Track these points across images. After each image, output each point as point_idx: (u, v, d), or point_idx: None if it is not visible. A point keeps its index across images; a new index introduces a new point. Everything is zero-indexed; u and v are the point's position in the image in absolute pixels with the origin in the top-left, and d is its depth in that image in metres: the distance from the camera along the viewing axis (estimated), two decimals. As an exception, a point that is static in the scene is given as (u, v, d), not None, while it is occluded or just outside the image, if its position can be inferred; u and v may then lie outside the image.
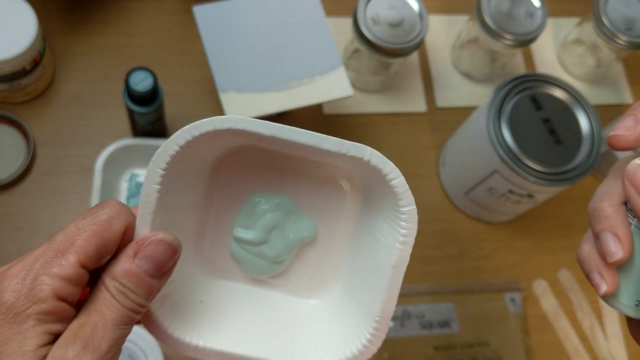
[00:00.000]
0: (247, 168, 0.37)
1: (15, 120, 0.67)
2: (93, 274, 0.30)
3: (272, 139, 0.33)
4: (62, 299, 0.28)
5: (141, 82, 0.59)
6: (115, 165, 0.65)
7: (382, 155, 0.34)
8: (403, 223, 0.34)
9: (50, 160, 0.68)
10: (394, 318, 0.68)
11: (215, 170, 0.37)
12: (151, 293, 0.30)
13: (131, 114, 0.63)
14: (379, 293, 0.34)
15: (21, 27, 0.62)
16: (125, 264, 0.29)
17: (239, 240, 0.37)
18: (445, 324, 0.69)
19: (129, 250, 0.30)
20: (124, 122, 0.70)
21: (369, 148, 0.34)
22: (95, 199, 0.62)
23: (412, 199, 0.34)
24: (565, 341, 0.71)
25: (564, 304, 0.73)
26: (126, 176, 0.68)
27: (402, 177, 0.34)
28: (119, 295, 0.29)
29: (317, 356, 0.35)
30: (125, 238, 0.31)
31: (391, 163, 0.34)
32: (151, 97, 0.61)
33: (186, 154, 0.32)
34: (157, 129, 0.67)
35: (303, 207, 0.38)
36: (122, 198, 0.67)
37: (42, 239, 0.65)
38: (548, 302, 0.72)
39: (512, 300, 0.71)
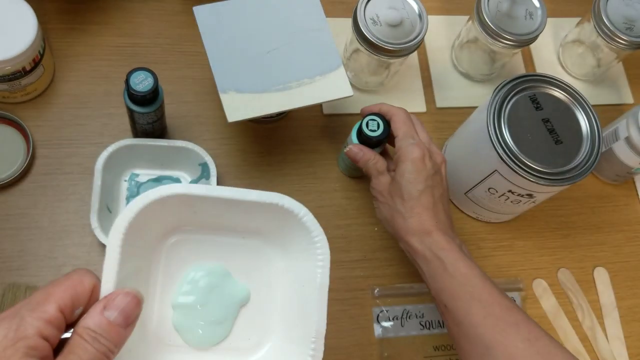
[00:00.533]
0: (184, 248, 0.42)
1: (15, 120, 0.67)
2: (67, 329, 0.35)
3: (205, 200, 0.39)
4: (45, 338, 0.33)
5: (141, 82, 0.59)
6: (115, 165, 0.65)
7: (292, 199, 0.41)
8: (318, 251, 0.40)
9: (50, 160, 0.68)
10: (394, 318, 0.68)
11: (158, 252, 0.41)
12: (119, 340, 0.34)
13: (131, 114, 0.63)
14: (311, 317, 0.39)
15: (21, 27, 0.62)
16: (95, 316, 0.34)
17: (180, 306, 0.41)
18: (444, 323, 0.69)
19: (99, 305, 0.35)
20: (124, 122, 0.70)
21: (283, 195, 0.41)
22: (95, 199, 0.62)
23: (321, 229, 0.41)
24: (565, 341, 0.71)
25: (564, 304, 0.73)
26: (126, 176, 0.68)
27: (311, 214, 0.40)
28: (92, 340, 0.33)
29: None
30: (93, 298, 0.36)
31: (300, 204, 0.41)
32: (151, 98, 0.61)
33: (139, 222, 0.37)
34: (157, 129, 0.67)
35: (236, 275, 0.43)
36: (122, 198, 0.67)
37: (42, 239, 0.66)
38: (548, 302, 0.72)
39: (512, 300, 0.71)
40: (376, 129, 0.64)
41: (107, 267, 0.36)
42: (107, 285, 0.36)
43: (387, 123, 0.64)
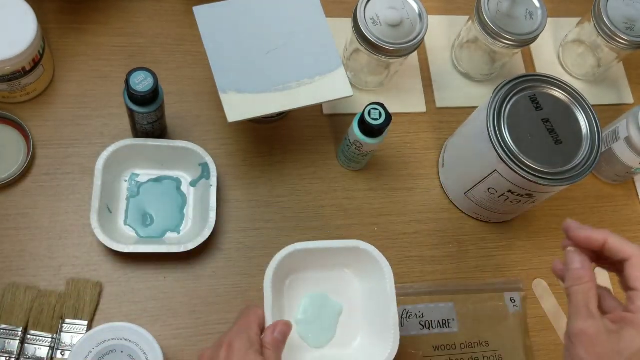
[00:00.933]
0: (297, 284, 0.62)
1: (15, 120, 0.67)
2: None
3: (310, 251, 0.60)
4: (261, 345, 0.52)
5: (141, 82, 0.59)
6: (115, 165, 0.65)
7: (365, 242, 0.60)
8: (386, 274, 0.59)
9: (50, 160, 0.68)
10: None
11: (283, 289, 0.62)
12: (280, 352, 0.53)
13: (131, 114, 0.63)
14: (387, 314, 0.58)
15: (21, 27, 0.62)
16: (270, 335, 0.53)
17: (300, 322, 0.61)
18: (444, 323, 0.69)
19: (270, 329, 0.54)
20: (124, 122, 0.70)
21: (359, 240, 0.60)
22: (95, 199, 0.62)
23: (386, 261, 0.60)
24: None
25: (563, 304, 0.73)
26: (126, 176, 0.68)
27: (377, 250, 0.60)
28: (273, 349, 0.52)
29: None
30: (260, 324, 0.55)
31: (371, 245, 0.60)
32: (152, 98, 0.61)
33: (276, 270, 0.58)
34: (158, 129, 0.67)
35: (332, 296, 0.63)
36: (122, 198, 0.67)
37: (42, 239, 0.66)
38: (548, 302, 0.72)
39: (512, 300, 0.71)
40: (378, 117, 0.64)
41: (266, 303, 0.56)
42: (268, 315, 0.56)
43: (388, 112, 0.65)
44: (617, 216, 0.79)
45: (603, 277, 0.75)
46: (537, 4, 0.72)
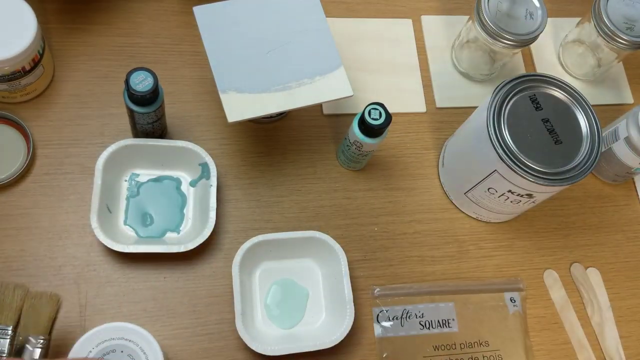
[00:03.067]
0: (267, 273, 0.68)
1: (15, 120, 0.67)
2: None
3: (275, 242, 0.67)
4: None
5: (141, 82, 0.59)
6: (115, 165, 0.65)
7: (322, 232, 0.67)
8: (340, 258, 0.66)
9: (50, 160, 0.68)
10: (394, 317, 0.68)
11: (255, 277, 0.67)
12: None
13: (131, 114, 0.63)
14: (343, 289, 0.65)
15: (21, 27, 0.62)
16: None
17: (269, 306, 0.67)
18: (444, 323, 0.69)
19: None
20: (124, 122, 0.70)
21: (315, 232, 0.67)
22: (95, 199, 0.62)
23: (339, 246, 0.66)
24: (571, 334, 0.71)
25: (572, 296, 0.73)
26: (126, 176, 0.68)
27: (332, 239, 0.66)
28: None
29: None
30: None
31: (326, 235, 0.67)
32: (151, 98, 0.61)
33: (243, 260, 0.65)
34: (158, 129, 0.67)
35: (299, 281, 0.69)
36: (122, 198, 0.67)
37: (42, 239, 0.66)
38: (557, 293, 0.72)
39: (512, 300, 0.71)
40: (378, 117, 0.64)
41: (235, 288, 0.63)
42: (237, 299, 0.62)
43: (388, 112, 0.64)
44: (617, 216, 0.79)
45: (596, 276, 0.75)
46: (537, 4, 0.72)
